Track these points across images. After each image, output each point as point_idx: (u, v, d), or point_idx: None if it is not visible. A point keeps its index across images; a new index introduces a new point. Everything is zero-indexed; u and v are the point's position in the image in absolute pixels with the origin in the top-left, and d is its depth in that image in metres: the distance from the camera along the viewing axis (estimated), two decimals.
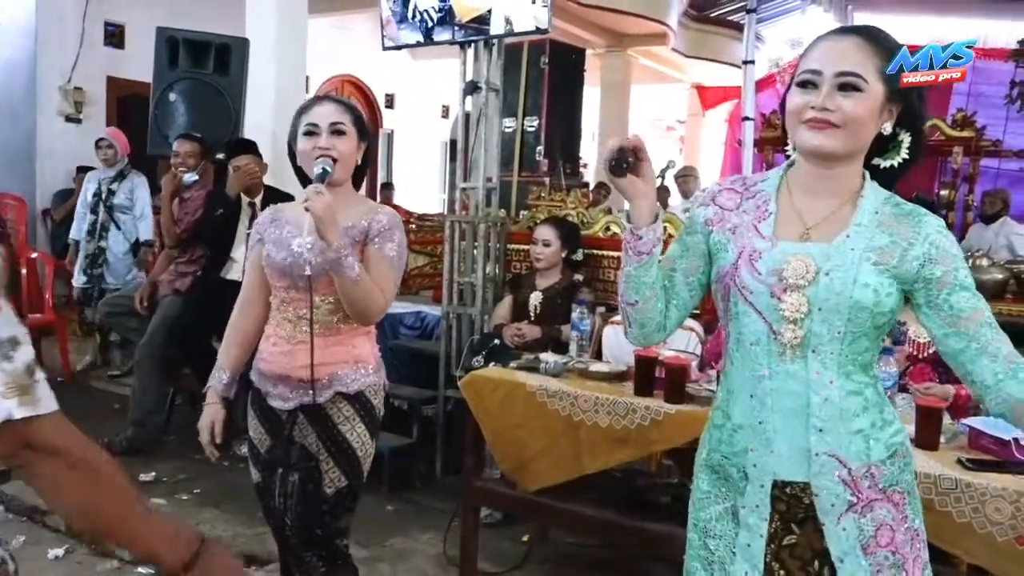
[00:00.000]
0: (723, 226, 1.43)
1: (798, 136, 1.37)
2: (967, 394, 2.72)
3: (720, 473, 1.45)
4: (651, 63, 11.07)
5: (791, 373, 1.35)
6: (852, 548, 1.34)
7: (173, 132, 4.60)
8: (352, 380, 2.03)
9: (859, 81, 1.33)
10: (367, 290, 1.93)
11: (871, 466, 1.35)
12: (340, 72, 10.62)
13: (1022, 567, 1.83)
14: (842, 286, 1.32)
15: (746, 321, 1.38)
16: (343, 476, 2.01)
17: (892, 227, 1.35)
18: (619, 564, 3.13)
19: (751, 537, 1.39)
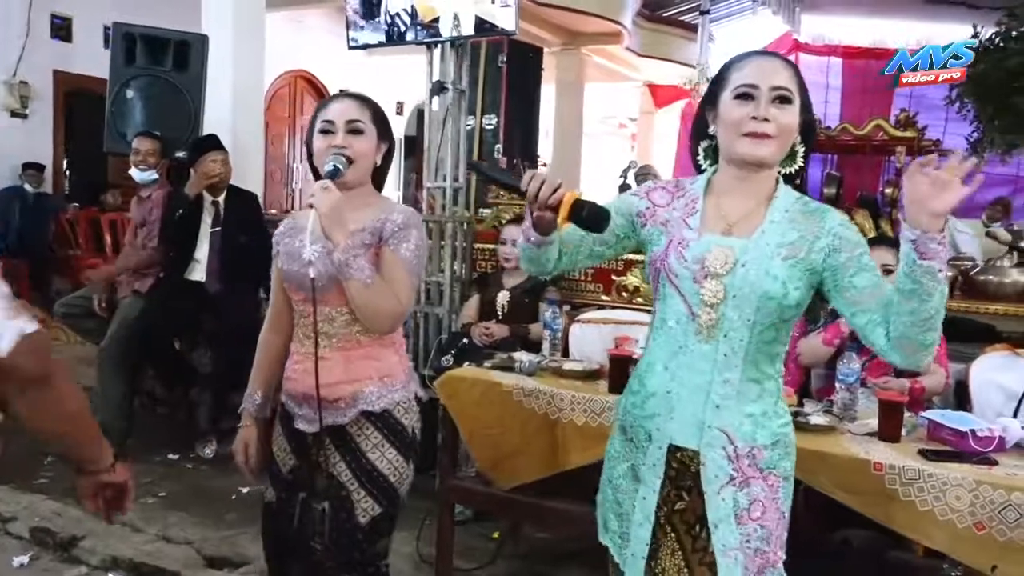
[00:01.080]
0: (655, 220, 1.60)
1: (737, 145, 1.51)
2: (920, 387, 2.86)
3: (628, 435, 1.62)
4: (605, 62, 11.18)
5: (702, 353, 1.50)
6: (727, 516, 1.50)
7: (131, 130, 4.53)
8: (379, 397, 1.88)
9: (790, 95, 1.50)
10: (380, 295, 1.80)
11: (754, 448, 1.51)
12: (293, 68, 10.51)
13: (981, 552, 1.93)
14: (755, 277, 1.47)
15: (671, 302, 1.54)
16: (376, 505, 1.88)
17: (800, 223, 1.52)
18: (588, 557, 3.18)
19: (646, 491, 1.56)
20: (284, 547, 1.99)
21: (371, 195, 1.99)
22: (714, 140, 1.60)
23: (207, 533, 3.29)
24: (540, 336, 3.48)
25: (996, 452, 2.10)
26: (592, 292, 3.97)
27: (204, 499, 3.64)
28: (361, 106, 1.94)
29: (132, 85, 4.61)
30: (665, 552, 1.57)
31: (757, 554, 1.51)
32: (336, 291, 1.84)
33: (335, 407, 1.87)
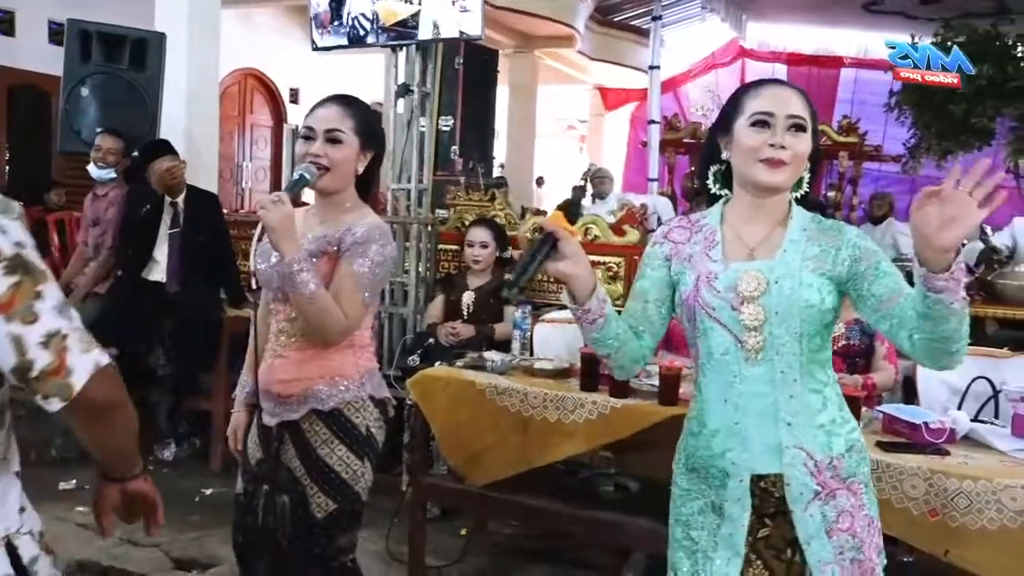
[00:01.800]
0: (679, 258, 1.62)
1: (753, 171, 1.55)
2: (873, 383, 3.00)
3: (699, 473, 1.59)
4: (557, 64, 11.30)
5: (758, 376, 1.52)
6: (817, 532, 1.51)
7: (86, 128, 4.46)
8: (328, 396, 1.92)
9: (804, 123, 1.55)
10: (324, 309, 1.82)
11: (833, 458, 1.52)
12: (242, 66, 10.37)
13: (934, 538, 2.05)
14: (791, 290, 1.51)
15: (713, 336, 1.54)
16: (330, 500, 1.91)
17: (819, 239, 1.56)
18: (554, 553, 3.27)
19: (733, 527, 1.54)
20: (251, 539, 2.02)
21: (350, 202, 2.00)
22: (723, 165, 1.64)
23: (173, 535, 3.27)
24: (505, 336, 3.55)
25: (947, 443, 2.23)
26: (554, 293, 4.03)
27: (167, 501, 3.46)
28: (344, 114, 1.93)
29: (87, 83, 4.53)
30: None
31: (854, 564, 1.52)
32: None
33: (287, 403, 1.94)
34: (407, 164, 4.00)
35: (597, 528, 2.59)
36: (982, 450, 2.23)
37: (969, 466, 2.08)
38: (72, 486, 3.73)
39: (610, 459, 3.02)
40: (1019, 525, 1.96)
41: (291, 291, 1.81)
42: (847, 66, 10.81)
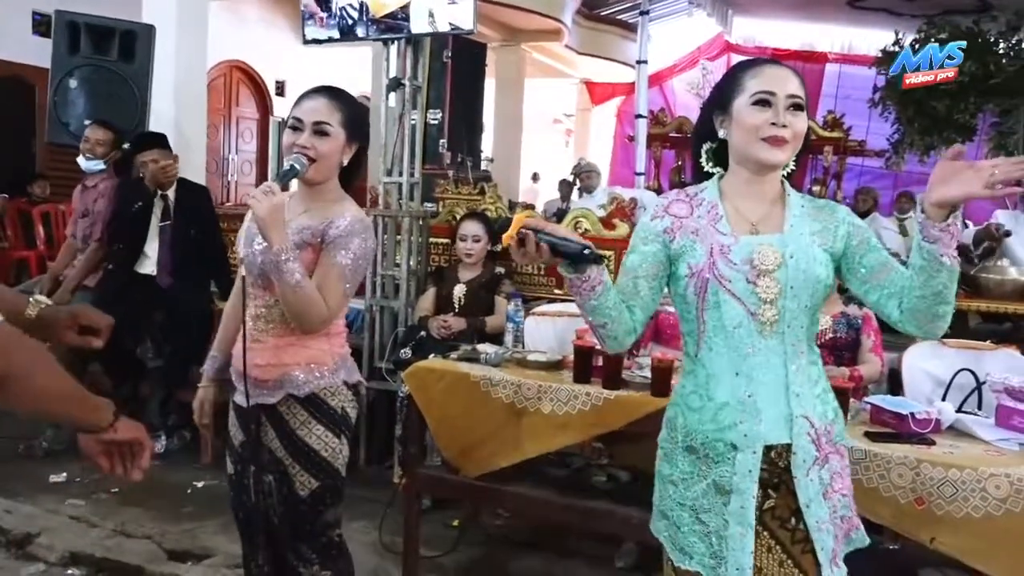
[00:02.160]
0: (684, 231, 1.62)
1: (755, 150, 1.59)
2: (859, 375, 3.05)
3: (699, 452, 1.61)
4: (544, 58, 11.31)
5: (771, 348, 1.57)
6: (816, 495, 1.58)
7: (74, 120, 4.44)
8: (304, 382, 1.98)
9: (803, 103, 1.60)
10: (307, 298, 1.87)
11: (827, 425, 1.61)
12: (228, 58, 10.31)
13: (921, 525, 2.10)
14: (806, 265, 1.57)
15: (726, 308, 1.57)
16: (312, 479, 1.98)
17: (817, 216, 1.63)
18: (545, 543, 3.30)
19: (743, 500, 1.56)
20: (248, 515, 2.09)
21: (334, 193, 2.05)
22: (716, 143, 1.68)
23: (166, 527, 3.28)
24: (496, 328, 3.58)
25: (933, 433, 2.27)
26: (545, 286, 4.07)
27: (159, 494, 3.61)
28: (332, 106, 1.97)
29: (76, 75, 4.51)
30: (761, 551, 1.57)
31: (844, 521, 1.62)
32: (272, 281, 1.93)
33: (264, 387, 1.99)
34: (398, 158, 4.01)
35: (589, 517, 2.63)
36: (967, 440, 2.28)
37: (954, 455, 2.13)
38: (63, 479, 3.74)
39: (602, 450, 3.06)
40: (1003, 513, 2.00)
41: (277, 280, 1.85)
42: (831, 62, 10.88)
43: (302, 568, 2.04)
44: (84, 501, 3.51)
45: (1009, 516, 2.00)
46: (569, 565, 3.13)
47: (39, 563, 2.97)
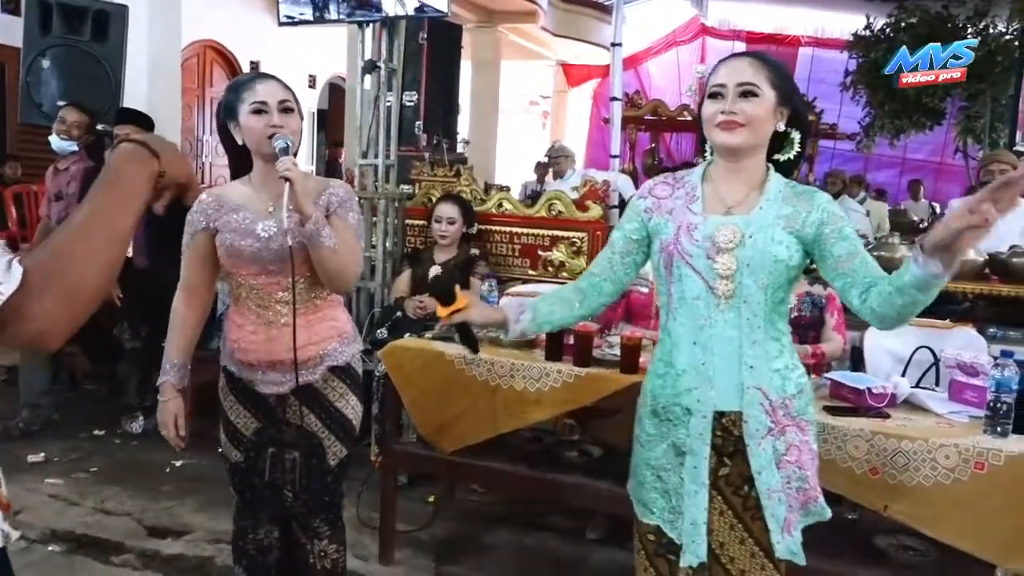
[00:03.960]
0: (661, 211, 1.76)
1: (713, 136, 1.71)
2: (821, 352, 3.15)
3: (662, 416, 1.74)
4: (520, 40, 11.32)
5: (727, 321, 1.67)
6: (768, 463, 1.68)
7: (47, 100, 4.42)
8: (340, 353, 2.10)
9: (755, 88, 1.68)
10: (345, 259, 1.98)
11: (785, 399, 1.69)
12: (202, 37, 10.21)
13: (875, 494, 2.20)
14: (763, 244, 1.66)
15: (688, 281, 1.69)
16: (343, 448, 2.12)
17: (793, 202, 1.71)
18: (519, 517, 3.39)
19: (696, 460, 1.69)
20: (258, 495, 2.16)
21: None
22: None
23: (145, 504, 3.33)
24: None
25: (889, 407, 2.37)
26: (519, 267, 4.13)
27: (137, 473, 3.66)
28: (284, 87, 2.06)
29: (48, 55, 4.48)
30: (714, 513, 1.69)
31: (799, 492, 1.70)
32: (296, 260, 1.96)
33: (305, 367, 2.06)
34: (373, 140, 4.05)
35: (561, 491, 2.71)
36: (921, 413, 2.38)
37: (907, 428, 2.23)
38: (41, 459, 3.77)
39: (573, 426, 3.14)
40: (951, 481, 2.11)
41: (316, 247, 1.92)
42: (804, 45, 11.00)
43: (311, 544, 2.13)
44: (63, 480, 3.54)
45: (957, 484, 2.10)
46: (541, 538, 3.22)
47: (20, 540, 3.00)
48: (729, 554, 1.71)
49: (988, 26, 8.20)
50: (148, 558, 2.91)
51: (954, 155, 9.58)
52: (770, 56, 1.77)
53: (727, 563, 1.71)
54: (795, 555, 1.70)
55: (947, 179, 10.73)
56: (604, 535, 3.18)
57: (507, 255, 4.18)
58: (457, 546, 3.14)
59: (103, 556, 2.92)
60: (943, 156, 10.59)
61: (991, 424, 2.17)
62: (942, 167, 10.85)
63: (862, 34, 9.12)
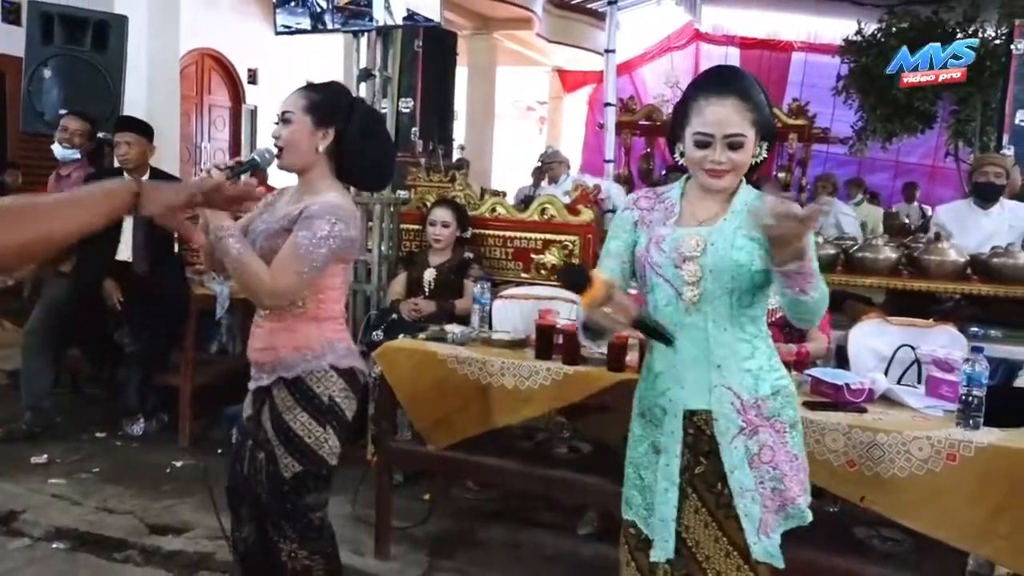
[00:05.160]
0: (643, 223, 1.86)
1: (700, 178, 1.80)
2: (806, 351, 3.22)
3: (647, 416, 1.83)
4: (516, 46, 11.42)
5: (695, 324, 1.76)
6: (740, 463, 1.74)
7: (49, 110, 4.51)
8: (293, 365, 2.07)
9: (742, 139, 1.76)
10: (247, 273, 1.96)
11: (758, 399, 1.75)
12: (200, 46, 10.30)
13: (852, 486, 2.28)
14: (724, 251, 1.74)
15: (658, 290, 1.79)
16: (295, 462, 2.06)
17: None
18: (511, 514, 3.46)
19: (669, 458, 1.77)
20: (236, 483, 2.22)
21: (324, 182, 2.10)
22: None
23: (147, 504, 3.40)
24: (465, 311, 3.71)
25: (867, 402, 2.45)
26: (513, 270, 4.21)
27: (139, 473, 3.73)
28: (299, 95, 2.08)
29: (49, 64, 4.57)
30: (689, 511, 1.76)
31: (775, 493, 1.74)
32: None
33: (262, 369, 2.13)
34: None
35: (551, 485, 2.79)
36: (897, 408, 2.46)
37: (883, 421, 2.31)
38: (44, 460, 3.84)
39: (564, 424, 3.22)
40: (925, 472, 2.19)
41: (222, 256, 1.95)
42: (797, 50, 11.08)
43: (282, 544, 2.13)
44: (66, 480, 3.61)
45: (930, 475, 2.19)
46: (534, 533, 3.29)
47: (24, 538, 3.07)
48: (705, 552, 1.76)
49: (977, 31, 8.29)
50: (149, 554, 2.98)
51: (944, 158, 9.66)
52: (746, 79, 1.80)
53: (703, 561, 1.77)
54: (773, 557, 1.74)
55: (939, 182, 10.81)
56: (595, 531, 3.26)
57: (500, 258, 4.26)
58: (451, 542, 3.21)
59: (106, 553, 2.98)
60: (935, 159, 10.66)
61: (963, 417, 2.25)
62: (934, 170, 10.93)
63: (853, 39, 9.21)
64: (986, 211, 4.28)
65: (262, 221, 2.13)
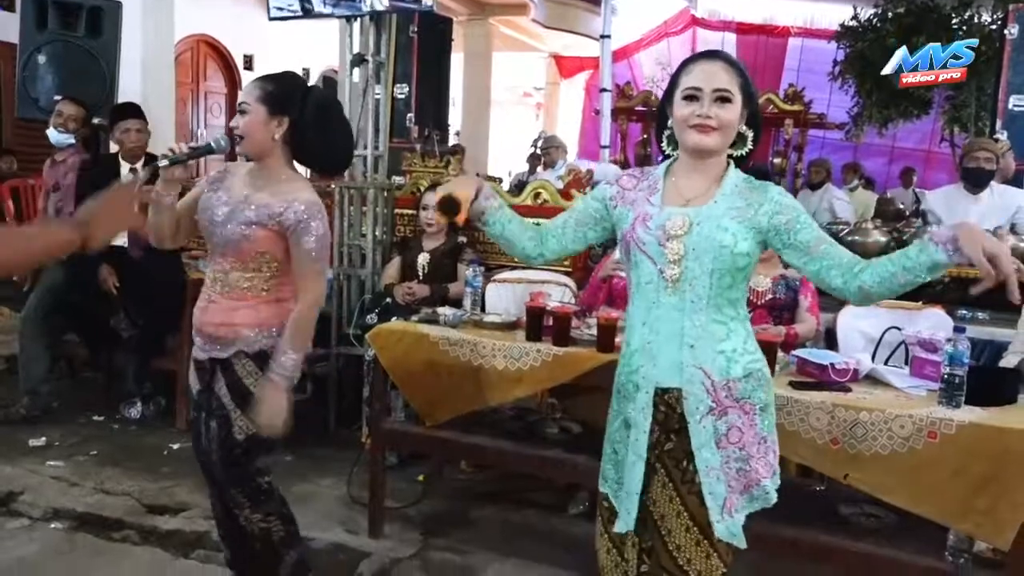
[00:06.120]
0: (624, 201, 1.87)
1: (686, 136, 1.79)
2: (795, 333, 3.26)
3: (621, 392, 1.86)
4: (512, 32, 11.40)
5: (672, 303, 1.77)
6: (708, 441, 1.76)
7: (43, 95, 4.53)
8: (254, 340, 2.19)
9: (730, 94, 1.77)
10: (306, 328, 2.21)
11: (729, 381, 1.76)
12: (195, 32, 10.28)
13: (836, 463, 2.32)
14: (709, 232, 1.75)
15: (642, 267, 1.80)
16: (249, 424, 2.18)
17: (747, 195, 1.80)
18: (504, 495, 3.51)
19: (637, 434, 1.80)
20: (201, 459, 2.32)
21: (283, 172, 2.23)
22: (671, 130, 1.87)
23: (144, 485, 3.44)
24: (458, 295, 3.75)
25: (851, 382, 2.49)
26: (505, 254, 4.23)
27: (136, 456, 3.77)
28: (254, 86, 2.19)
29: (44, 51, 4.58)
30: (656, 485, 1.78)
31: (740, 474, 1.76)
32: (232, 249, 2.17)
33: (219, 343, 2.21)
34: (362, 132, 4.15)
35: (542, 464, 2.84)
36: (881, 388, 2.49)
37: (867, 400, 2.35)
38: (42, 443, 3.88)
39: (555, 405, 3.26)
40: (907, 450, 2.23)
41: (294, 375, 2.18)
42: (794, 36, 11.06)
43: (237, 511, 2.27)
44: (64, 462, 3.65)
45: (912, 453, 2.23)
46: (526, 513, 3.34)
47: (23, 518, 3.12)
48: (668, 526, 1.78)
49: (973, 16, 8.29)
50: (147, 533, 3.03)
51: (940, 144, 9.67)
52: (737, 61, 1.85)
53: (665, 535, 1.78)
54: (735, 537, 1.76)
55: (935, 167, 10.83)
56: (585, 510, 3.30)
57: (493, 243, 4.26)
58: (444, 521, 3.26)
59: (104, 532, 3.03)
60: (931, 144, 10.68)
61: (945, 396, 2.29)
62: (930, 155, 10.94)
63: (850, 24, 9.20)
64: (976, 196, 4.31)
65: (220, 201, 2.20)
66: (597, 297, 3.47)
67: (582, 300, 3.51)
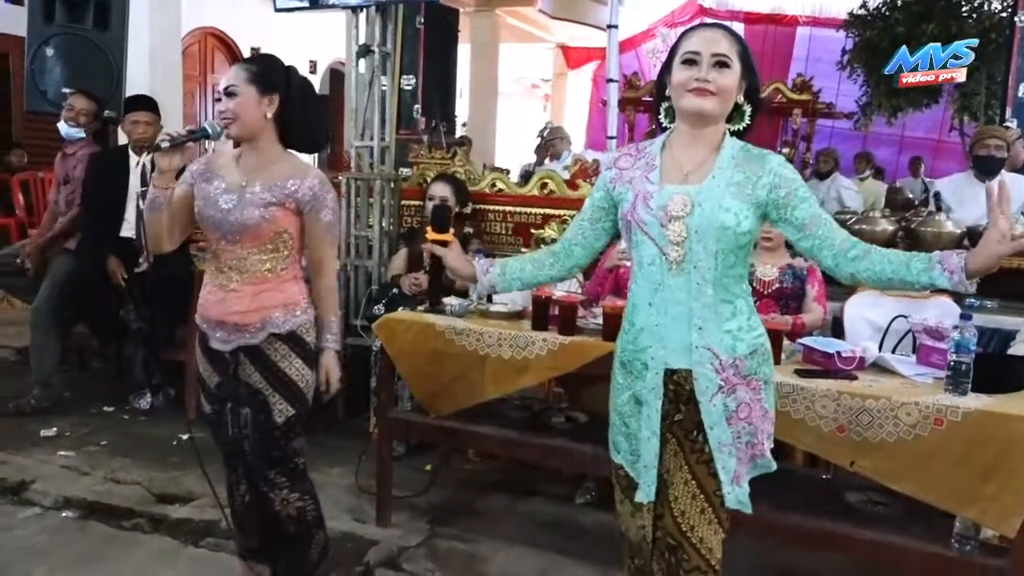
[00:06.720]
0: (623, 181, 1.86)
1: (684, 101, 1.78)
2: (801, 322, 3.27)
3: (627, 367, 1.87)
4: (518, 23, 11.36)
5: (678, 285, 1.77)
6: (719, 419, 1.79)
7: (52, 88, 4.54)
8: (284, 322, 2.23)
9: (728, 60, 1.77)
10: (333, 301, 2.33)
11: (736, 359, 1.79)
12: (202, 24, 10.30)
13: (841, 450, 2.32)
14: (711, 212, 1.74)
15: (643, 247, 1.80)
16: (290, 406, 2.24)
17: (745, 166, 1.79)
18: (511, 484, 3.52)
19: (650, 411, 1.82)
20: (228, 448, 2.34)
21: (276, 152, 2.26)
22: (670, 101, 1.86)
23: (154, 474, 3.47)
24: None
25: (857, 369, 2.49)
26: (512, 244, 4.25)
27: (146, 446, 3.80)
28: (240, 68, 2.21)
29: (52, 43, 4.60)
30: (669, 455, 1.83)
31: (748, 447, 1.81)
32: (248, 235, 2.18)
33: (247, 330, 2.23)
34: (368, 123, 4.16)
35: (549, 454, 2.84)
36: (887, 375, 2.49)
37: (873, 388, 2.34)
38: (53, 433, 3.91)
39: (561, 395, 3.27)
40: (913, 437, 2.23)
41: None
42: (802, 25, 11.00)
43: (272, 493, 2.29)
44: (75, 452, 3.69)
45: (918, 440, 2.22)
46: (533, 502, 3.35)
47: (35, 507, 3.15)
48: (675, 493, 1.82)
49: (983, 3, 8.22)
50: (157, 522, 3.06)
51: (950, 133, 9.61)
52: (735, 31, 1.85)
53: (672, 501, 1.83)
54: (743, 504, 1.81)
55: (944, 157, 10.76)
56: (592, 500, 3.31)
57: (501, 233, 4.30)
58: (451, 510, 3.27)
59: (114, 521, 3.06)
60: (940, 134, 10.61)
61: (952, 383, 2.28)
62: (940, 144, 10.88)
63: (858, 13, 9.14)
64: (986, 184, 4.29)
65: (219, 190, 2.20)
66: (603, 286, 3.48)
67: (588, 290, 3.51)
